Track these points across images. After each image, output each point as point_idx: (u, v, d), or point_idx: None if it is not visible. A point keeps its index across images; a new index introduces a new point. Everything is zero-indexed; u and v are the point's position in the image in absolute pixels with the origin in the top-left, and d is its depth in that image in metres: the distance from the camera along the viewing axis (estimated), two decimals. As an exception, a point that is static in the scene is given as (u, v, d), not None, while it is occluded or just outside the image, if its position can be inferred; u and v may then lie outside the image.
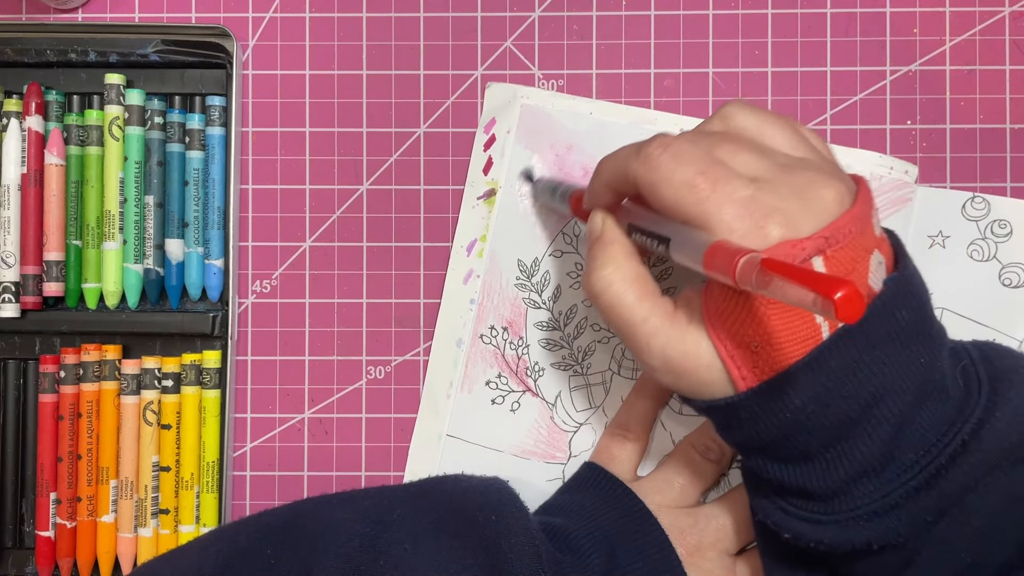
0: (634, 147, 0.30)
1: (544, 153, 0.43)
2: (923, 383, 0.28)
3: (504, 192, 0.43)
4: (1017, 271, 0.42)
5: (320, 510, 0.35)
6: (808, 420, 0.28)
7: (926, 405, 0.28)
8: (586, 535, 0.36)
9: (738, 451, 0.32)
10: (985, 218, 0.42)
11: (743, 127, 0.31)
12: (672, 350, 0.30)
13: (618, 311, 0.31)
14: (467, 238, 0.43)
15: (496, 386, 0.43)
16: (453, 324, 0.43)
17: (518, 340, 0.43)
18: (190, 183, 0.44)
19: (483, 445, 0.43)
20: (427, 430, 0.43)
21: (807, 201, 0.27)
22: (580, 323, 0.43)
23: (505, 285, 0.43)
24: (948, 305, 0.42)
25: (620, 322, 0.31)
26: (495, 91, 0.44)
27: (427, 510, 0.35)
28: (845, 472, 0.28)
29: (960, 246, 0.42)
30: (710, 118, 0.32)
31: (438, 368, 0.43)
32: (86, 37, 0.44)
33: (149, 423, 0.43)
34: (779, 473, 0.30)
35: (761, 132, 0.31)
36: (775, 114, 0.31)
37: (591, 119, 0.43)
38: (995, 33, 0.44)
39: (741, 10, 0.44)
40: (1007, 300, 0.42)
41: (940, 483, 0.28)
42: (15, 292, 0.43)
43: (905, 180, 0.42)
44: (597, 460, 0.41)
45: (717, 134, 0.30)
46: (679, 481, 0.40)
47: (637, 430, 0.41)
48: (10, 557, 0.45)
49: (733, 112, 0.31)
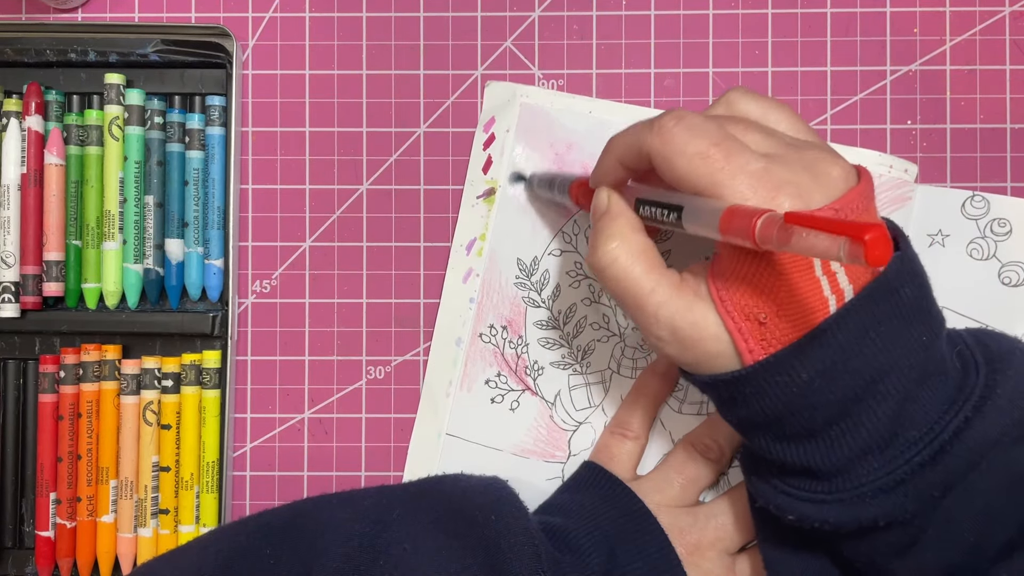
0: (647, 122, 0.31)
1: (544, 151, 0.43)
2: (925, 361, 0.28)
3: (503, 191, 0.43)
4: (1016, 270, 0.42)
5: (320, 510, 0.35)
6: (814, 395, 0.28)
7: (928, 383, 0.29)
8: (585, 535, 0.36)
9: (739, 431, 0.32)
10: (985, 217, 0.42)
11: (747, 112, 0.32)
12: (680, 320, 0.30)
13: (624, 284, 0.31)
14: (466, 237, 0.43)
15: (495, 385, 0.43)
16: (452, 323, 0.43)
17: (517, 339, 0.43)
18: (190, 183, 0.44)
19: (482, 444, 0.43)
20: (426, 429, 0.43)
21: (816, 176, 0.28)
22: (579, 322, 0.43)
23: (504, 284, 0.43)
24: (948, 304, 0.42)
25: (627, 295, 0.31)
26: (494, 90, 0.44)
27: (426, 510, 0.35)
28: (850, 449, 0.28)
29: (960, 245, 0.42)
30: (714, 104, 0.33)
31: (437, 367, 0.43)
32: (86, 37, 0.44)
33: (149, 423, 0.43)
34: (782, 452, 0.30)
35: (765, 117, 0.31)
36: (776, 101, 0.32)
37: (591, 118, 0.43)
38: (995, 33, 0.44)
39: (741, 10, 0.44)
40: (1007, 299, 0.42)
41: (945, 459, 0.28)
42: (15, 292, 0.43)
43: (905, 179, 0.42)
44: (596, 459, 0.41)
45: (724, 116, 0.31)
46: (679, 480, 0.40)
47: (637, 429, 0.41)
48: (10, 557, 0.45)
49: (736, 98, 0.32)
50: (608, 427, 0.42)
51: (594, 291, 0.43)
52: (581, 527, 0.36)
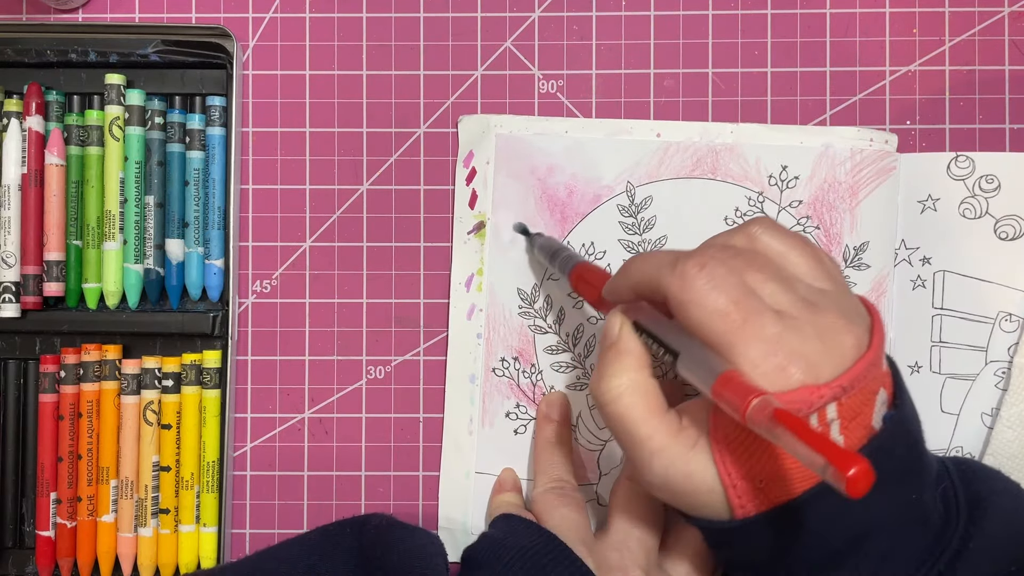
0: (668, 258, 0.30)
1: (526, 179, 0.43)
2: (911, 518, 0.29)
3: (493, 223, 0.43)
4: (1012, 223, 0.42)
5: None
6: (801, 551, 0.29)
7: (910, 538, 0.29)
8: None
9: (723, 564, 0.33)
10: (971, 176, 0.42)
11: (767, 248, 0.31)
12: (674, 471, 0.30)
13: (623, 425, 0.31)
14: (464, 273, 0.43)
15: (516, 416, 0.43)
16: (463, 360, 0.43)
17: (530, 368, 0.43)
18: (190, 183, 0.44)
19: None
20: (454, 470, 0.43)
21: (829, 347, 0.28)
22: (588, 342, 0.43)
23: (509, 316, 0.43)
24: (948, 267, 0.42)
25: (624, 435, 0.31)
26: (467, 124, 0.44)
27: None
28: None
29: (951, 207, 0.42)
30: (735, 231, 0.32)
31: (455, 405, 0.43)
32: (86, 37, 0.44)
33: (149, 423, 0.44)
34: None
35: (785, 258, 0.31)
36: (798, 238, 0.31)
37: (567, 137, 0.43)
38: (995, 33, 0.44)
39: (741, 10, 0.44)
40: (1006, 253, 0.42)
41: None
42: (15, 292, 0.43)
43: (887, 150, 0.42)
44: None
45: (744, 253, 0.30)
46: (636, 533, 0.37)
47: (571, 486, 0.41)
48: (10, 557, 0.45)
49: (759, 233, 0.31)
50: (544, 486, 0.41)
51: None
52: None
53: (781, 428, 0.24)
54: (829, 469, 0.23)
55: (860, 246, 0.42)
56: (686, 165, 0.43)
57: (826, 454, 0.23)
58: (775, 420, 0.24)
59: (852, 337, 0.28)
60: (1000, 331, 0.42)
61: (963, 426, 0.42)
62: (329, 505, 0.44)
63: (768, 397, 0.25)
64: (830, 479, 0.23)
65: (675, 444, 0.30)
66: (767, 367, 0.27)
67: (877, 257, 0.42)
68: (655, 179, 0.43)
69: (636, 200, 0.43)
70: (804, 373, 0.27)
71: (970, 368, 0.42)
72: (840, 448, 0.23)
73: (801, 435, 0.23)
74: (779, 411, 0.24)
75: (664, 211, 0.43)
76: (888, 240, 0.42)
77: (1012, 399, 0.41)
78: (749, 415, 0.25)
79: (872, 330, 0.30)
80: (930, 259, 0.42)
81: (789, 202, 0.42)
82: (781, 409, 0.24)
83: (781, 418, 0.24)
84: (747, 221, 0.32)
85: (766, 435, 0.25)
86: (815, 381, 0.27)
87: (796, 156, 0.42)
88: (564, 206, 0.43)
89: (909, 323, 0.42)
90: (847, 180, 0.42)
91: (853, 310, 0.30)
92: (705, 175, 0.43)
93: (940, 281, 0.42)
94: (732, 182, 0.42)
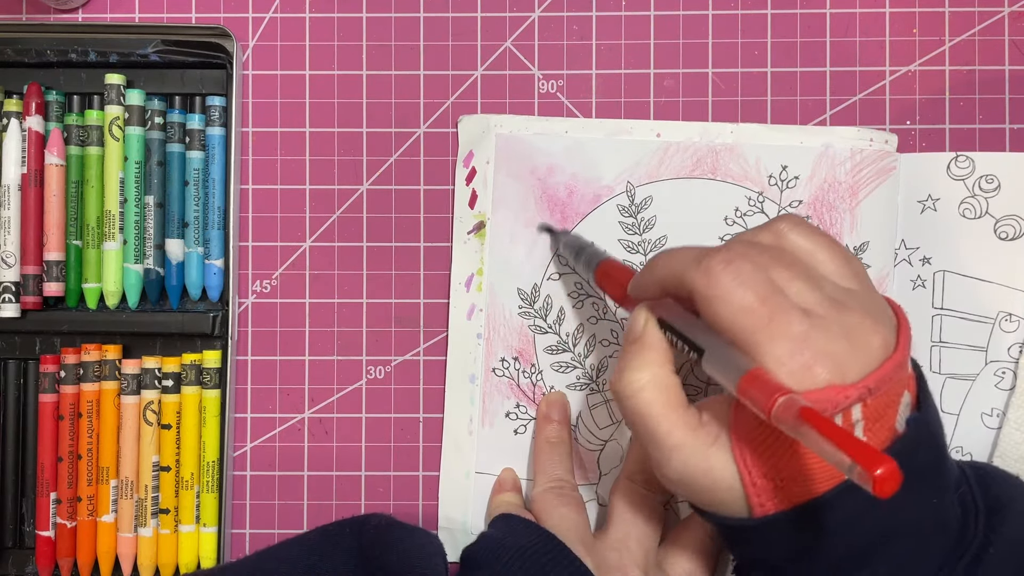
0: (694, 254, 0.30)
1: (526, 179, 0.43)
2: (932, 522, 0.29)
3: (493, 223, 0.43)
4: (1012, 223, 0.42)
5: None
6: (821, 551, 0.28)
7: (930, 542, 0.29)
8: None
9: (738, 559, 0.33)
10: (971, 176, 0.42)
11: (795, 247, 0.31)
12: (693, 467, 0.29)
13: (644, 419, 0.31)
14: (464, 273, 0.43)
15: (516, 416, 0.43)
16: (463, 360, 0.43)
17: (530, 368, 0.43)
18: (190, 183, 0.44)
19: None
20: (454, 470, 0.43)
21: (855, 346, 0.28)
22: (589, 341, 0.43)
23: (509, 315, 0.43)
24: (948, 267, 0.42)
25: (644, 430, 0.31)
26: (467, 124, 0.44)
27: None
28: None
29: (951, 207, 0.42)
30: (762, 228, 0.32)
31: (455, 405, 0.43)
32: (86, 37, 0.44)
33: (149, 423, 0.44)
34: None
35: (813, 256, 0.30)
36: (825, 236, 0.31)
37: (567, 137, 0.43)
38: (994, 33, 0.44)
39: (741, 10, 0.44)
40: (1006, 253, 0.42)
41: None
42: (15, 292, 0.43)
43: (887, 150, 0.42)
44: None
45: (771, 251, 0.30)
46: (635, 533, 0.37)
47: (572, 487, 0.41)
48: (10, 557, 0.45)
49: (786, 230, 0.31)
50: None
51: (599, 308, 0.43)
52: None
53: (807, 427, 0.24)
54: (856, 469, 0.22)
55: (860, 246, 0.42)
56: (686, 165, 0.43)
57: (854, 453, 0.22)
58: (801, 419, 0.24)
59: (879, 337, 0.28)
60: (1000, 331, 0.42)
61: (963, 426, 0.42)
62: (329, 505, 0.44)
63: (795, 396, 0.25)
64: (856, 479, 0.22)
65: (695, 440, 0.29)
66: (793, 365, 0.27)
67: (877, 257, 0.42)
68: (655, 179, 0.43)
69: (636, 200, 0.43)
70: (831, 372, 0.27)
71: (970, 368, 0.42)
72: (868, 447, 0.22)
73: (829, 434, 0.23)
74: (806, 409, 0.24)
75: (664, 211, 0.43)
76: (888, 240, 0.42)
77: (1019, 400, 0.41)
78: (775, 413, 0.25)
79: (898, 331, 0.29)
80: (930, 259, 0.42)
81: (789, 202, 0.42)
82: (808, 408, 0.24)
83: (808, 417, 0.24)
84: (774, 218, 0.32)
85: (792, 433, 0.25)
86: (841, 381, 0.27)
87: (796, 156, 0.42)
88: (564, 206, 0.43)
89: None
90: (847, 180, 0.42)
91: (880, 310, 0.30)
92: (705, 175, 0.43)
93: (940, 281, 0.42)
94: (732, 182, 0.42)
